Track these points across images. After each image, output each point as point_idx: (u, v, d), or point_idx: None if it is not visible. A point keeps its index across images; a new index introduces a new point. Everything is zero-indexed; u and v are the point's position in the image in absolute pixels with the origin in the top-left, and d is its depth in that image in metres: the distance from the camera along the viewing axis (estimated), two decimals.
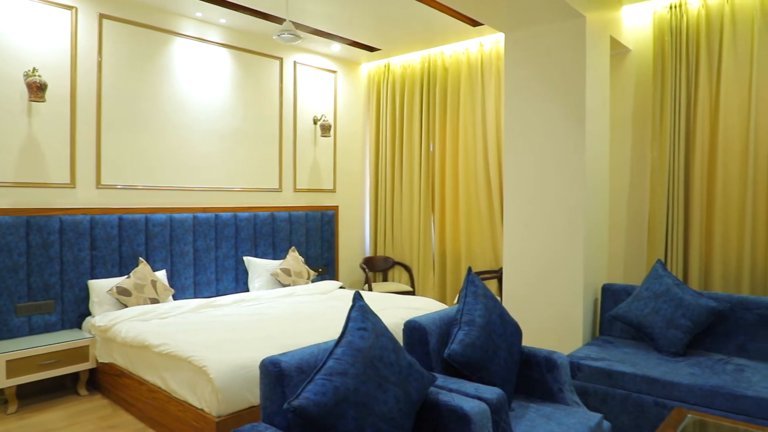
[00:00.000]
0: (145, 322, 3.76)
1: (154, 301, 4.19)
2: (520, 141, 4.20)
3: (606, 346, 3.56)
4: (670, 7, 4.32)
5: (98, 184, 4.33)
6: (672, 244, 4.29)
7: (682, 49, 4.27)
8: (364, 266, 6.00)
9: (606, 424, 2.46)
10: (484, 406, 1.94)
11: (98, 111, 4.32)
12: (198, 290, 4.83)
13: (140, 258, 4.36)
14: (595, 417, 2.36)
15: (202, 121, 5.01)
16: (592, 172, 3.98)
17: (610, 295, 3.88)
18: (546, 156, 4.05)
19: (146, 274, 4.24)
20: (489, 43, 5.44)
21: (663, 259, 4.31)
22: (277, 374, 1.81)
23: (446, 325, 2.47)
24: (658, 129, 4.41)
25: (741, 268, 4.06)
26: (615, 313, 3.65)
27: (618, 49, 4.59)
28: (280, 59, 5.66)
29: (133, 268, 4.34)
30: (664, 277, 3.58)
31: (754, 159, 3.99)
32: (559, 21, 3.91)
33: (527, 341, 4.08)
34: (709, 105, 4.20)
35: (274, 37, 4.35)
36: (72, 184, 4.18)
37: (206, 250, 4.89)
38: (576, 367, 3.24)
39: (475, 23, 4.99)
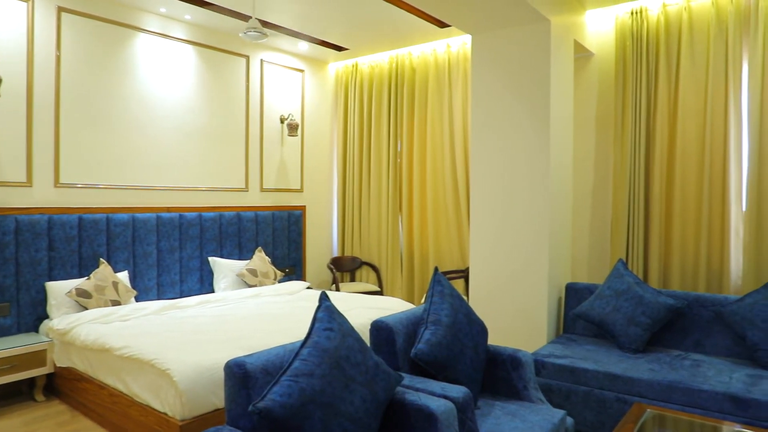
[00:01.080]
0: (106, 325, 3.67)
1: (116, 303, 4.09)
2: (486, 142, 4.24)
3: (569, 343, 3.63)
4: (632, 13, 4.44)
5: (57, 182, 4.20)
6: (633, 244, 4.41)
7: (642, 53, 4.38)
8: (332, 266, 5.98)
9: (569, 420, 2.50)
10: (450, 404, 1.95)
11: (56, 107, 4.19)
12: (162, 291, 4.73)
13: (101, 259, 4.25)
14: (559, 413, 2.41)
15: (166, 119, 4.91)
16: (556, 174, 4.06)
17: (574, 293, 3.96)
18: (512, 157, 4.11)
19: (107, 276, 4.13)
20: (456, 44, 5.49)
21: (624, 259, 4.42)
22: (242, 376, 1.79)
23: (413, 325, 2.48)
24: (620, 132, 4.52)
25: (697, 267, 4.19)
26: (578, 312, 3.73)
27: (582, 53, 4.69)
28: (247, 57, 5.59)
29: (93, 270, 4.22)
30: (626, 276, 3.67)
31: (709, 162, 4.13)
32: (524, 24, 3.98)
33: (493, 340, 4.12)
34: (668, 109, 4.33)
35: (240, 35, 4.30)
36: (28, 182, 4.04)
37: (170, 251, 4.80)
38: (540, 364, 3.30)
39: (442, 24, 5.03)
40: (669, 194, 4.35)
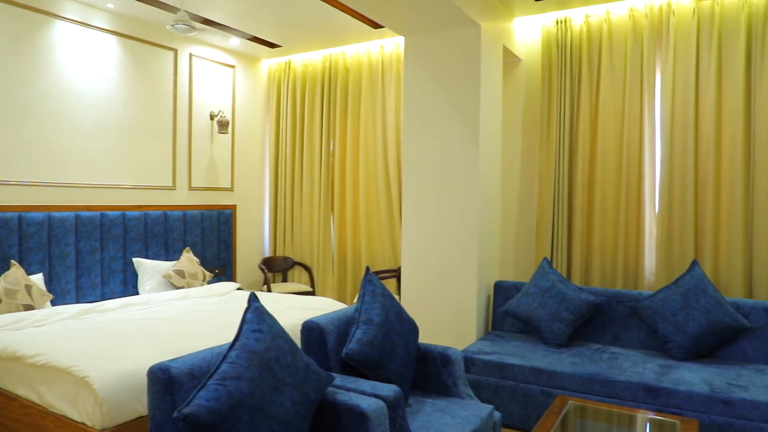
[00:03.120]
0: (17, 331, 3.43)
1: (29, 307, 3.83)
2: (418, 143, 4.30)
3: (498, 340, 3.75)
4: (557, 22, 4.63)
5: None
6: (557, 244, 4.60)
7: (566, 61, 4.58)
8: (263, 267, 5.87)
9: (497, 414, 2.58)
10: (381, 403, 1.96)
11: None
12: (81, 295, 4.48)
13: (12, 261, 3.97)
14: (487, 408, 2.47)
15: (86, 112, 4.65)
16: (485, 175, 4.17)
17: (502, 291, 4.08)
18: (443, 158, 4.19)
19: (19, 279, 3.86)
20: (390, 45, 5.53)
21: (549, 258, 4.60)
22: (166, 381, 1.72)
23: (344, 325, 2.47)
24: (546, 136, 4.71)
25: (616, 265, 4.43)
26: (506, 309, 3.85)
27: (510, 59, 4.84)
28: (175, 50, 5.39)
29: (3, 272, 3.94)
30: (550, 274, 3.82)
31: (626, 166, 4.37)
32: (456, 28, 4.06)
33: (425, 338, 4.19)
34: (590, 115, 4.55)
35: (167, 27, 4.14)
36: None
37: (90, 252, 4.55)
38: (470, 361, 3.38)
39: (376, 25, 5.05)
40: (590, 196, 4.57)
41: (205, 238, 5.58)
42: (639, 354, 3.43)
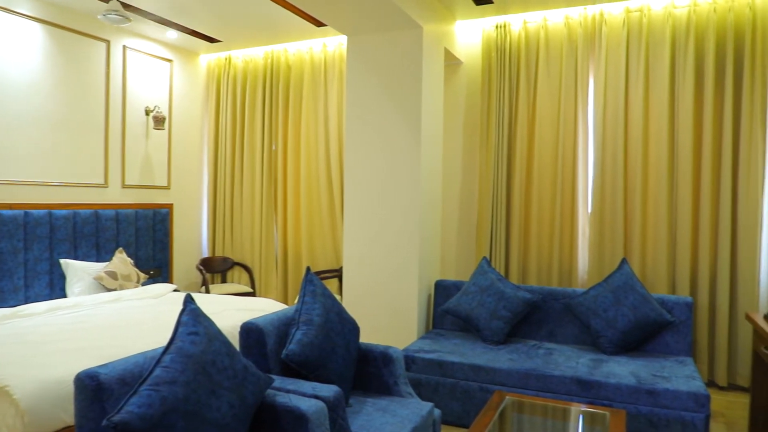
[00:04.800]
0: None
1: None
2: (360, 143, 4.30)
3: (438, 338, 3.80)
4: (497, 27, 4.74)
5: None
6: (496, 243, 4.71)
7: (506, 65, 4.70)
8: (202, 267, 5.71)
9: (437, 411, 2.61)
10: (321, 404, 1.94)
11: None
12: (2, 299, 4.21)
13: None
14: (427, 406, 2.50)
15: (8, 104, 4.37)
16: (427, 176, 4.22)
17: (442, 290, 4.14)
18: (385, 158, 4.20)
19: None
20: (333, 44, 5.50)
21: (488, 257, 4.70)
22: (94, 388, 1.64)
23: (284, 326, 2.44)
24: (485, 137, 4.81)
25: (551, 264, 4.59)
26: (446, 308, 3.91)
27: (451, 61, 4.92)
28: (107, 42, 5.16)
29: None
30: (489, 273, 3.91)
31: (561, 168, 4.53)
32: (398, 29, 4.09)
33: (366, 338, 4.20)
34: (527, 117, 4.68)
35: (99, 17, 3.96)
36: None
37: (12, 253, 4.29)
38: (410, 360, 3.41)
39: (319, 23, 5.01)
40: (527, 197, 4.71)
41: (139, 238, 5.37)
42: (573, 349, 3.57)
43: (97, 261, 4.93)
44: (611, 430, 2.34)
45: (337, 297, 4.99)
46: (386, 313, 4.21)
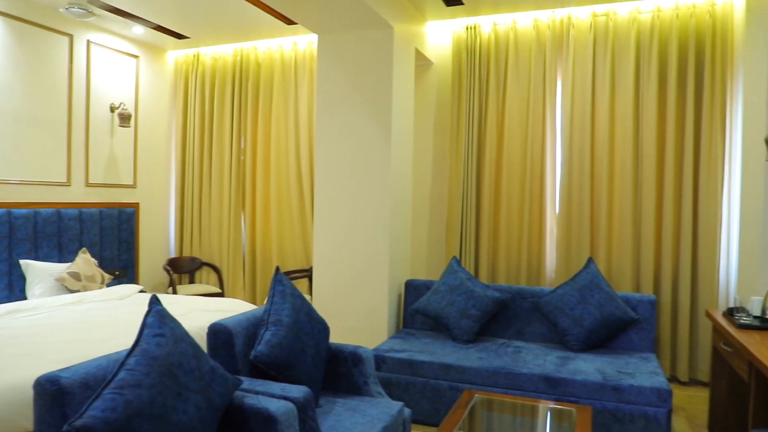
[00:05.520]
0: None
1: None
2: (330, 142, 4.29)
3: (408, 338, 3.81)
4: (467, 29, 4.78)
5: None
6: (465, 242, 4.75)
7: (476, 66, 4.74)
8: (169, 268, 5.61)
9: (407, 410, 2.62)
10: (290, 405, 1.93)
11: None
12: None
13: None
14: (397, 405, 2.50)
15: None
16: (397, 175, 4.23)
17: (413, 290, 4.16)
18: (355, 158, 4.20)
19: None
20: (303, 42, 5.46)
21: (458, 256, 4.74)
22: (55, 393, 1.59)
23: (253, 327, 2.41)
24: (455, 138, 4.85)
25: (520, 263, 4.65)
26: (416, 307, 3.92)
27: (422, 61, 4.94)
28: (71, 36, 5.01)
29: None
30: (459, 273, 3.94)
31: (530, 169, 4.59)
32: (369, 29, 4.08)
33: (337, 338, 4.19)
34: (497, 118, 4.73)
35: (61, 11, 3.84)
36: None
37: None
38: (381, 359, 3.41)
39: (289, 21, 4.97)
40: (497, 197, 4.76)
41: (104, 237, 5.24)
42: (541, 347, 3.62)
43: (60, 262, 4.79)
44: (578, 426, 2.39)
45: (307, 297, 4.96)
46: (356, 312, 4.20)
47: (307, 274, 5.25)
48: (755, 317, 3.02)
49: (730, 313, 3.15)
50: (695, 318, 4.22)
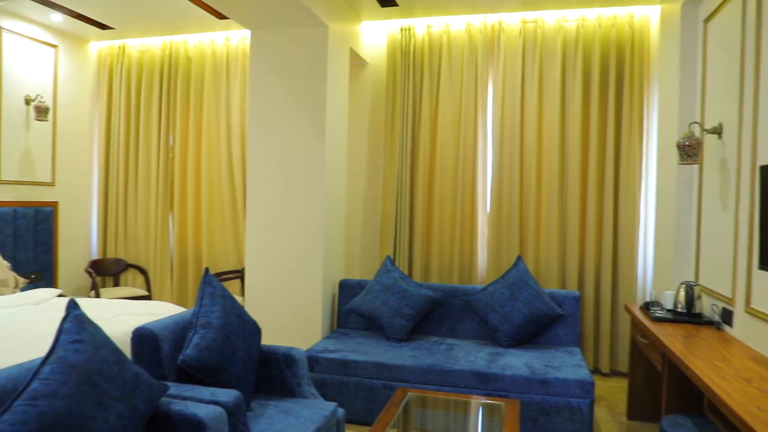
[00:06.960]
0: None
1: None
2: (263, 141, 4.21)
3: (342, 338, 3.80)
4: (401, 30, 4.82)
5: None
6: (399, 242, 4.79)
7: (410, 67, 4.80)
8: (91, 270, 5.32)
9: (340, 411, 2.61)
10: (219, 410, 1.88)
11: None
12: None
13: None
14: (330, 406, 2.49)
15: None
16: (331, 175, 4.21)
17: (347, 289, 4.15)
18: (289, 157, 4.14)
19: None
20: (236, 38, 5.33)
21: (392, 256, 4.77)
22: None
23: (181, 330, 2.33)
24: (390, 138, 4.88)
25: (452, 262, 4.74)
26: (350, 307, 3.92)
27: (357, 61, 4.94)
28: None
29: None
30: (392, 272, 3.97)
31: (462, 169, 4.69)
32: (303, 27, 4.04)
33: (270, 339, 4.11)
34: (430, 119, 4.80)
35: None
36: None
37: None
38: (314, 360, 3.39)
39: (221, 16, 4.84)
40: (430, 197, 4.83)
41: (18, 238, 4.91)
42: (472, 344, 3.70)
43: None
44: (506, 420, 2.46)
45: (240, 299, 4.85)
46: (290, 313, 4.15)
47: (239, 275, 5.14)
48: (668, 310, 3.22)
49: (646, 307, 3.35)
50: (616, 312, 4.45)
